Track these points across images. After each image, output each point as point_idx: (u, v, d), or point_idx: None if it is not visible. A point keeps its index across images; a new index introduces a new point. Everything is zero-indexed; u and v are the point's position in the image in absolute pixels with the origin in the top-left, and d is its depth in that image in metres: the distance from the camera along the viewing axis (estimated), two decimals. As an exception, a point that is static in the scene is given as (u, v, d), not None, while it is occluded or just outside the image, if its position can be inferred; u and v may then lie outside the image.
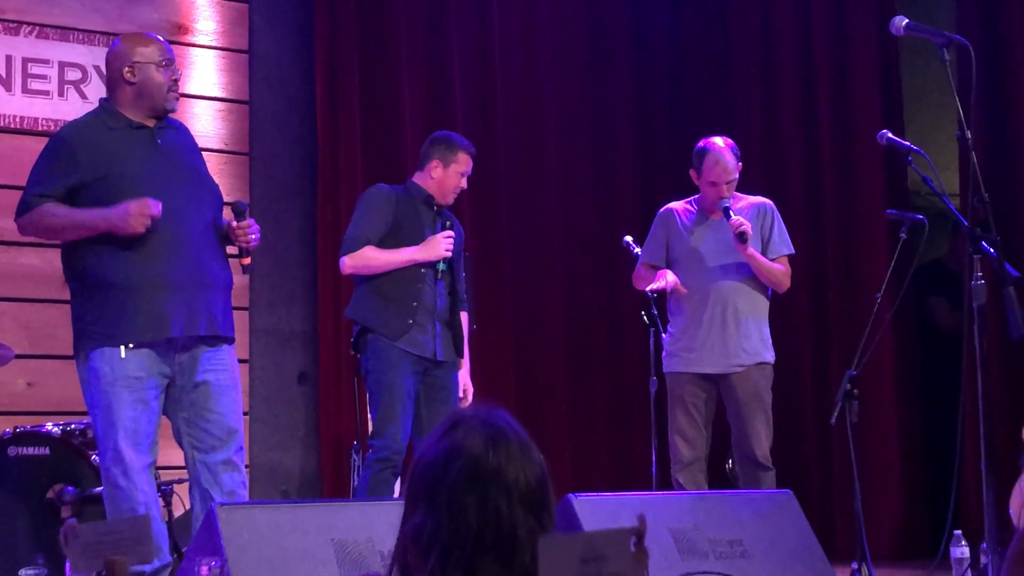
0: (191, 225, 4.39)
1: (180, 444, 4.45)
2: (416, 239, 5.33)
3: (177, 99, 4.55)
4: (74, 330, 4.43)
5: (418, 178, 5.49)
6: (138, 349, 4.30)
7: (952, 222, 4.76)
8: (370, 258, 5.28)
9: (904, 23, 4.28)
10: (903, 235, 5.30)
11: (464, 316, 5.53)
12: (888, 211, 5.60)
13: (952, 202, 4.35)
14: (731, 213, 5.50)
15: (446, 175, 5.42)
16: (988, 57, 6.54)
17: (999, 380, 6.37)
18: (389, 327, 5.24)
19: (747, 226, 5.44)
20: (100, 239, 4.31)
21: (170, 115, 4.59)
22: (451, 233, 5.36)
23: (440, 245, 5.32)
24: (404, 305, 5.27)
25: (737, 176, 5.62)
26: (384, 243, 5.34)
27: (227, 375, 4.45)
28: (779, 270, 5.61)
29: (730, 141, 5.66)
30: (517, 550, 1.94)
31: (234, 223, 4.50)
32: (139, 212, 4.22)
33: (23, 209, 4.40)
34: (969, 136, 4.20)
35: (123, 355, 4.28)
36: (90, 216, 4.30)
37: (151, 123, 4.50)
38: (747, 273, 5.57)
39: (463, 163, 5.44)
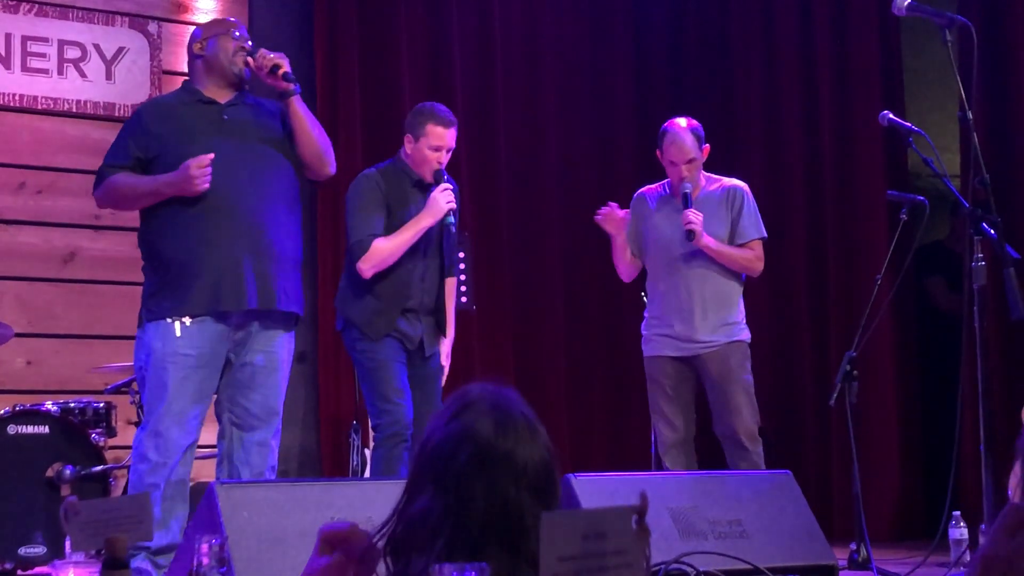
0: (252, 198, 4.43)
1: (219, 418, 4.48)
2: (402, 224, 5.14)
3: (246, 63, 4.58)
4: (140, 307, 4.50)
5: (402, 153, 5.28)
6: (194, 326, 4.32)
7: (952, 203, 4.76)
8: (384, 250, 5.06)
9: (906, 3, 4.26)
10: (903, 216, 5.30)
11: (451, 282, 5.35)
12: (888, 192, 5.59)
13: (953, 183, 4.35)
14: (689, 200, 5.45)
15: (416, 150, 5.17)
16: (989, 37, 6.52)
17: (998, 361, 6.37)
18: (374, 327, 5.11)
19: (696, 225, 5.38)
20: (162, 216, 4.40)
21: (248, 91, 4.65)
22: (447, 186, 5.14)
23: (440, 201, 5.09)
24: (393, 304, 5.12)
25: (698, 156, 5.52)
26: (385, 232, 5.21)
27: (275, 357, 4.50)
28: (745, 256, 5.52)
29: (694, 122, 5.57)
30: (524, 536, 1.93)
31: (251, 61, 4.57)
32: (196, 167, 4.29)
33: (97, 181, 4.52)
34: (970, 117, 4.19)
35: (178, 333, 4.33)
36: (155, 181, 4.40)
37: (224, 98, 4.57)
38: (713, 259, 5.51)
39: (432, 136, 5.14)
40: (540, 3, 7.83)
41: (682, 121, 5.57)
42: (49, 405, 5.46)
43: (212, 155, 4.32)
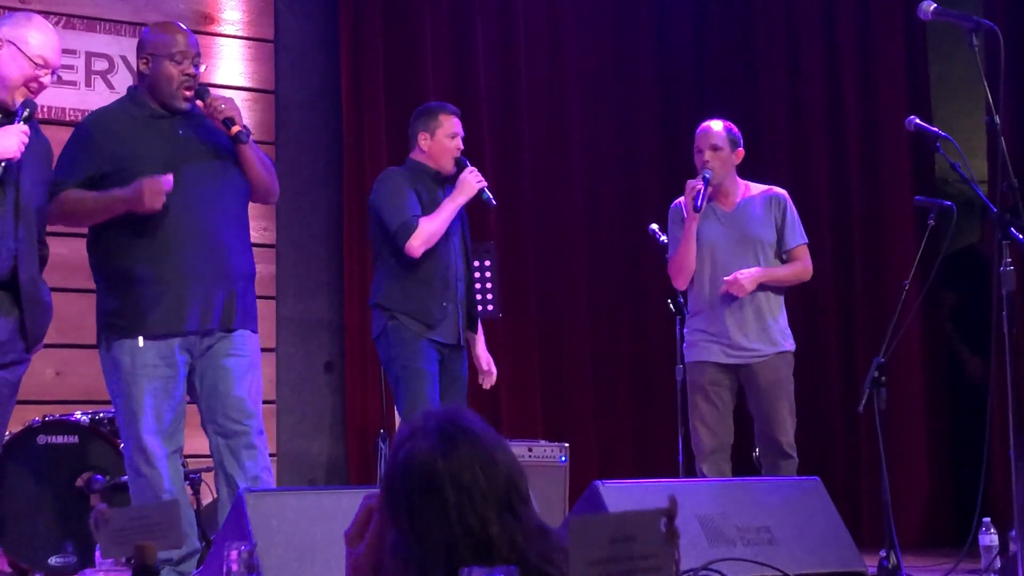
0: (210, 216, 4.39)
1: (205, 430, 4.47)
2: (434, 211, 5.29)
3: (188, 98, 4.45)
4: (97, 321, 4.47)
5: (413, 155, 5.45)
6: (159, 340, 4.32)
7: (982, 207, 4.74)
8: (430, 227, 5.21)
9: (932, 8, 4.25)
10: (931, 222, 5.28)
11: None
12: (916, 197, 5.58)
13: (981, 188, 4.34)
14: (706, 183, 5.44)
15: (434, 143, 5.38)
16: (1016, 41, 6.49)
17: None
18: (425, 314, 5.21)
19: (740, 280, 5.43)
20: (120, 232, 4.35)
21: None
22: (473, 168, 5.33)
23: (471, 180, 5.29)
24: (439, 289, 5.25)
25: (725, 147, 5.53)
26: None
27: (246, 360, 4.45)
28: (794, 271, 5.58)
29: (730, 124, 5.63)
30: (492, 546, 1.92)
31: (200, 104, 4.46)
32: (152, 189, 4.22)
33: (49, 199, 4.43)
34: (998, 121, 4.18)
35: (141, 344, 4.30)
36: (107, 197, 4.32)
37: (173, 114, 4.48)
38: (762, 262, 5.53)
39: (447, 125, 5.39)
40: (563, 11, 7.83)
41: (717, 120, 5.62)
42: (78, 415, 5.49)
43: (171, 176, 4.25)
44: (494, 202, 5.38)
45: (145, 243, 4.32)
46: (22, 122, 4.10)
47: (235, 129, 4.40)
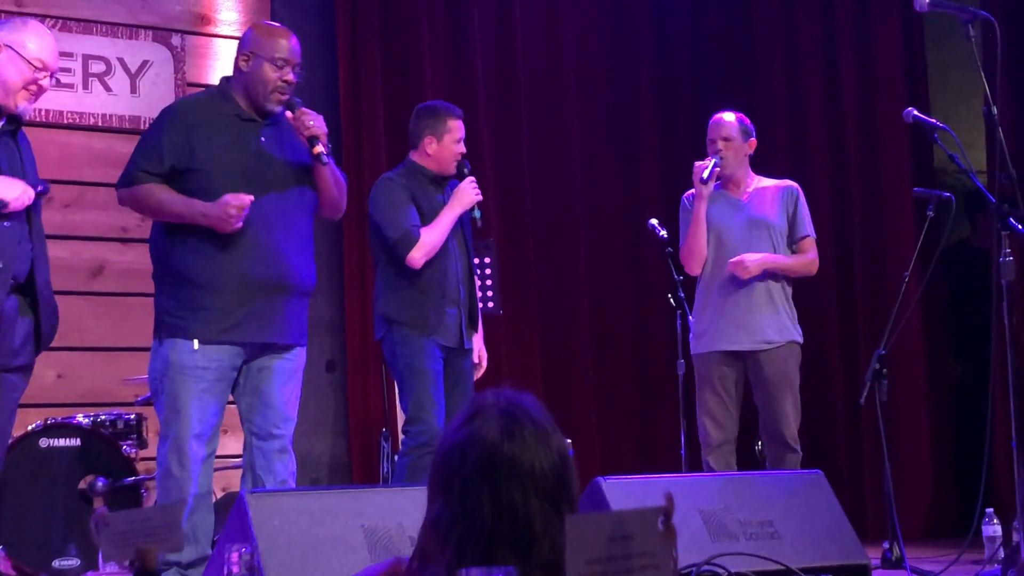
0: (279, 228, 4.39)
1: (244, 428, 4.49)
2: (433, 218, 5.27)
3: (281, 103, 4.45)
4: (155, 318, 4.46)
5: (415, 156, 5.39)
6: (208, 344, 4.32)
7: (971, 200, 4.75)
8: (431, 238, 5.19)
9: (928, -1, 4.25)
10: (930, 213, 5.28)
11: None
12: (915, 189, 5.58)
13: (979, 179, 4.34)
14: (714, 167, 5.49)
15: (442, 148, 5.34)
16: (1013, 32, 6.49)
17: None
18: (424, 322, 5.19)
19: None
20: (186, 234, 4.34)
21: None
22: (471, 178, 5.31)
23: (468, 191, 5.27)
24: (437, 297, 5.23)
25: (736, 138, 5.58)
26: None
27: (291, 365, 4.49)
28: (803, 262, 5.60)
29: (743, 115, 5.67)
30: (534, 542, 1.93)
31: (289, 115, 4.45)
32: (236, 209, 4.21)
33: (128, 181, 4.42)
34: (995, 112, 4.18)
35: (195, 347, 4.30)
36: (189, 207, 4.30)
37: (260, 117, 4.47)
38: (773, 247, 5.54)
39: (455, 130, 5.34)
40: (561, 5, 7.83)
41: (729, 112, 5.66)
42: (80, 418, 5.50)
43: (251, 197, 4.24)
44: (480, 223, 5.36)
45: (209, 248, 4.31)
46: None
47: (317, 149, 4.40)
